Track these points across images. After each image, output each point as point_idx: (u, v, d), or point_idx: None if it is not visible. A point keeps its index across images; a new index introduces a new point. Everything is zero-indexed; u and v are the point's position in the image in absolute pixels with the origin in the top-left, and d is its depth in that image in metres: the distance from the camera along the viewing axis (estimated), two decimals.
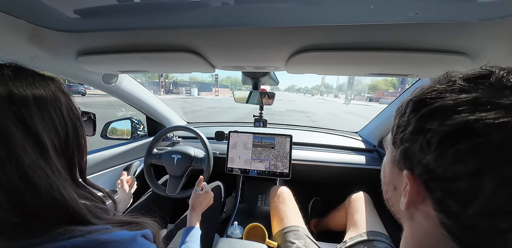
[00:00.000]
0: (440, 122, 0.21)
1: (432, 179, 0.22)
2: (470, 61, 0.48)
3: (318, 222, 1.26)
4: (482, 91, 0.20)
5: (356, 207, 0.88)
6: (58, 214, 0.27)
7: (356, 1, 0.32)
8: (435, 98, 0.22)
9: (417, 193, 0.24)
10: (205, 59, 0.61)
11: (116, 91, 1.03)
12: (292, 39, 0.47)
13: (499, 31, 0.37)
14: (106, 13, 0.40)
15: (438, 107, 0.22)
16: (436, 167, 0.21)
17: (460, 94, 0.21)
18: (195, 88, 35.39)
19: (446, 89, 0.22)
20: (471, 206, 0.19)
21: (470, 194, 0.19)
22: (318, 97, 57.25)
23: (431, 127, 0.21)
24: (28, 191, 0.25)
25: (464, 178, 0.19)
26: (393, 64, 0.58)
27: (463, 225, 0.21)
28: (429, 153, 0.22)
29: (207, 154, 1.04)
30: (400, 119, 0.27)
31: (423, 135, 0.22)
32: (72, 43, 0.56)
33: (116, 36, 0.51)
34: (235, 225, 0.97)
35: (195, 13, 0.38)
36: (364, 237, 0.71)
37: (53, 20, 0.43)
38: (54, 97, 0.29)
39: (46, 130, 0.27)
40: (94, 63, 0.69)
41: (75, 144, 0.32)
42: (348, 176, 1.27)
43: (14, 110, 0.25)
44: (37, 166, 0.26)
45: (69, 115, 0.31)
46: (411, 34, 0.41)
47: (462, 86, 0.21)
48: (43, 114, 0.27)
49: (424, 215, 0.25)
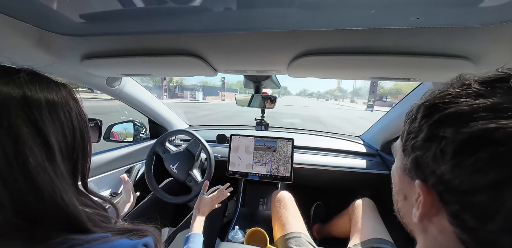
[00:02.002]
0: (455, 129, 0.19)
1: (447, 191, 0.21)
2: (473, 65, 0.47)
3: (321, 227, 1.23)
4: (501, 96, 0.19)
5: (360, 213, 0.86)
6: (58, 219, 0.27)
7: (357, 5, 0.32)
8: (449, 103, 0.21)
9: (430, 205, 0.22)
10: (207, 63, 0.62)
11: (119, 94, 1.05)
12: (294, 43, 0.47)
13: (501, 35, 0.36)
14: (111, 18, 0.41)
15: (453, 113, 0.20)
16: (452, 178, 0.20)
17: (477, 99, 0.19)
18: (200, 92, 34.73)
19: (460, 93, 0.21)
20: (492, 221, 0.18)
21: (490, 208, 0.18)
22: (333, 102, 53.15)
23: (446, 135, 0.20)
24: (31, 193, 0.25)
25: (483, 190, 0.18)
26: (395, 68, 0.57)
27: (483, 241, 0.19)
28: (444, 163, 0.20)
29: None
30: (411, 124, 0.25)
31: (437, 143, 0.21)
32: (77, 46, 0.57)
33: (120, 40, 0.51)
34: (236, 229, 0.95)
35: (198, 17, 0.38)
36: (368, 245, 0.69)
37: (59, 24, 0.44)
38: (65, 102, 0.30)
39: (54, 132, 0.28)
40: (98, 66, 0.70)
41: (81, 149, 0.32)
42: (351, 180, 1.26)
43: (27, 111, 0.26)
44: (42, 168, 0.26)
45: (77, 120, 0.31)
46: (413, 38, 0.41)
47: (478, 90, 0.20)
48: (53, 117, 0.28)
49: (439, 229, 0.23)
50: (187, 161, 1.10)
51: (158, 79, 34.10)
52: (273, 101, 1.02)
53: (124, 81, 1.03)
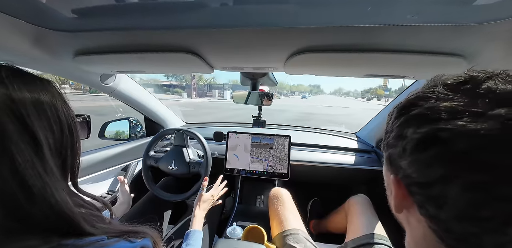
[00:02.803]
0: (414, 129, 0.22)
1: (412, 184, 0.23)
2: (466, 63, 0.48)
3: (318, 223, 1.25)
4: (459, 99, 0.20)
5: (356, 209, 0.88)
6: (50, 220, 0.26)
7: (353, 3, 0.32)
8: (415, 105, 0.23)
9: (402, 197, 0.25)
10: (203, 60, 0.61)
11: (113, 91, 1.03)
12: (291, 40, 0.47)
13: (493, 33, 0.37)
14: (104, 13, 0.40)
15: (415, 115, 0.23)
16: (411, 172, 0.22)
17: (438, 102, 0.21)
18: (228, 91, 33.00)
19: (426, 95, 0.23)
20: (442, 210, 0.20)
21: (441, 199, 0.20)
22: (377, 102, 43.94)
23: (407, 135, 0.23)
24: (21, 192, 0.25)
25: (435, 183, 0.20)
26: (391, 66, 0.58)
27: (444, 229, 0.22)
28: (405, 159, 0.23)
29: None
30: (388, 125, 0.28)
31: (401, 141, 0.23)
32: (70, 42, 0.55)
33: (113, 36, 0.50)
34: (234, 225, 0.96)
35: (193, 13, 0.38)
36: (365, 240, 0.71)
37: (51, 20, 0.42)
38: (50, 97, 0.29)
39: (41, 128, 0.27)
40: (92, 63, 0.68)
41: (70, 144, 0.32)
42: (347, 177, 1.27)
43: (12, 108, 0.25)
44: (30, 165, 0.25)
45: (63, 115, 0.31)
46: (408, 36, 0.41)
47: (439, 93, 0.22)
48: (39, 112, 0.27)
49: (416, 219, 0.25)
50: (181, 154, 1.08)
51: (188, 78, 33.19)
52: (270, 98, 1.02)
53: (119, 78, 1.01)
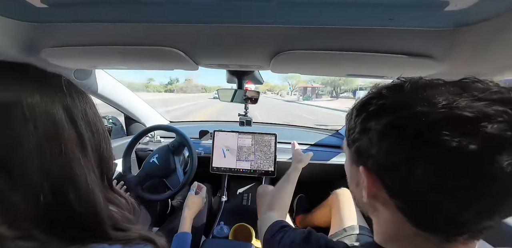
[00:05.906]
0: (375, 122, 0.26)
1: (380, 169, 0.27)
2: (437, 64, 0.51)
3: (303, 218, 1.29)
4: (397, 97, 0.26)
5: (339, 202, 0.91)
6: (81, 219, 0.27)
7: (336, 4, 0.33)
8: (369, 104, 0.28)
9: (373, 184, 0.28)
10: (187, 56, 0.59)
11: (89, 88, 0.96)
12: (276, 39, 0.47)
13: (460, 37, 0.40)
14: (77, 3, 0.37)
15: (373, 110, 0.28)
16: (379, 158, 0.26)
17: (385, 100, 0.27)
18: None
19: (375, 96, 0.29)
20: (409, 186, 0.24)
21: (406, 177, 0.24)
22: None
23: (371, 127, 0.27)
24: (70, 187, 0.26)
25: (399, 166, 0.24)
26: (369, 66, 0.60)
27: (410, 202, 0.25)
28: (372, 147, 0.27)
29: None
30: (349, 123, 0.32)
31: (366, 133, 0.27)
32: (39, 34, 0.50)
33: (88, 28, 0.47)
34: (222, 225, 0.96)
35: (175, 7, 0.36)
36: (348, 232, 0.74)
37: (17, 10, 0.38)
38: (91, 106, 0.34)
39: (87, 130, 0.31)
40: (62, 56, 0.63)
41: (105, 147, 0.34)
42: (331, 172, 1.32)
43: (68, 110, 0.29)
44: (78, 161, 0.28)
45: (99, 122, 0.34)
46: (387, 38, 0.43)
47: (381, 94, 0.28)
48: (84, 117, 0.31)
49: (384, 204, 0.28)
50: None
51: None
52: (254, 102, 1.01)
53: (95, 74, 0.95)
